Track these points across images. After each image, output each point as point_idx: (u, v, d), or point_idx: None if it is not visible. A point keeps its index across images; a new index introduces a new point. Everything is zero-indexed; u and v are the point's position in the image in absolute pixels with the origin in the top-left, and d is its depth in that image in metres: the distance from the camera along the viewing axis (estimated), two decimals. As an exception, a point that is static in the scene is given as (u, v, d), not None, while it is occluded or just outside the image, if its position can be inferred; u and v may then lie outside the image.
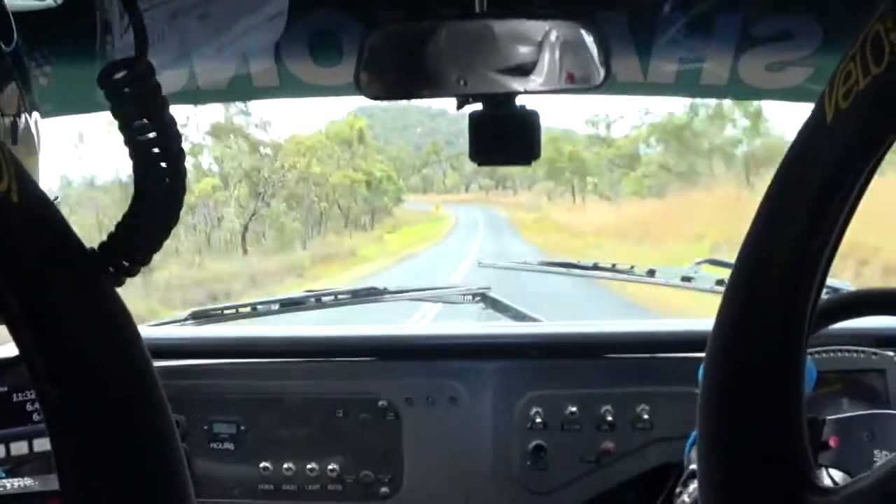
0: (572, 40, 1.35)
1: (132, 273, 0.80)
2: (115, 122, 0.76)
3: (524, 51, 1.33)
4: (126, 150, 0.78)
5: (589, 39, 1.34)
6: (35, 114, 1.05)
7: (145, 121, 0.77)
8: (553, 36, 1.35)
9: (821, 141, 0.56)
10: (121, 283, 0.80)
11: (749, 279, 0.61)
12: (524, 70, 1.33)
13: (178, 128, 0.79)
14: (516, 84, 1.33)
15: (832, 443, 1.32)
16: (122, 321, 0.58)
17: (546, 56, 1.34)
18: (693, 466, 1.42)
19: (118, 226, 0.79)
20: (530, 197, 47.87)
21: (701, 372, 0.67)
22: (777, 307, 0.59)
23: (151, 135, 0.77)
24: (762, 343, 0.60)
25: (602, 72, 1.34)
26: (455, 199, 53.49)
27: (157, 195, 0.79)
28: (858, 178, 0.55)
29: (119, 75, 0.75)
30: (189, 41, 1.32)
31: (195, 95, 1.63)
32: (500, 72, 1.32)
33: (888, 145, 0.54)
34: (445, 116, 58.81)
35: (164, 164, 0.78)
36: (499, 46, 1.32)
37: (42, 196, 0.56)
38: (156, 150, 0.77)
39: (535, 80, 1.34)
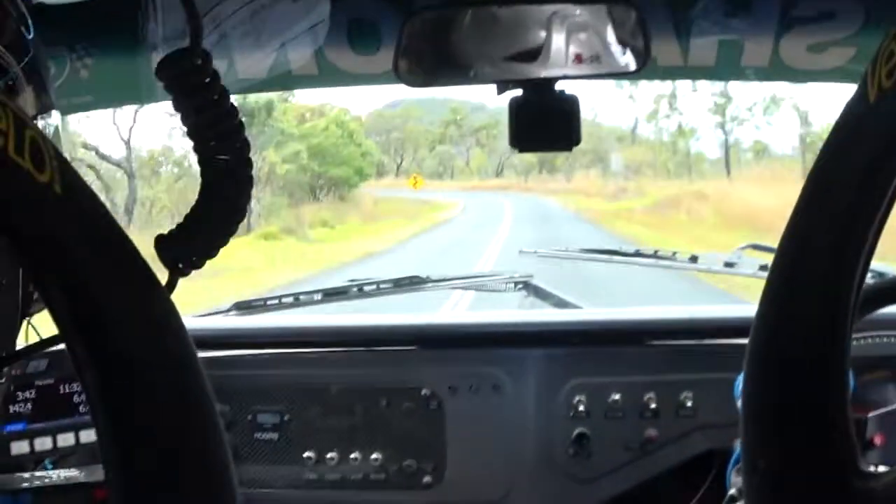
0: (612, 24, 1.34)
1: (196, 266, 0.81)
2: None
3: (563, 35, 1.32)
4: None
5: (629, 23, 1.34)
6: (54, 114, 1.05)
7: (204, 112, 0.77)
8: (593, 20, 1.34)
9: (864, 120, 0.56)
10: (185, 275, 0.81)
11: (792, 263, 0.60)
12: (563, 55, 1.33)
13: (240, 117, 0.79)
14: (556, 69, 1.33)
15: (877, 440, 1.30)
16: (166, 311, 0.58)
17: (586, 41, 1.34)
18: (733, 491, 1.41)
19: (186, 217, 0.79)
20: (595, 179, 34.39)
21: (739, 383, 0.66)
22: (821, 291, 0.58)
23: (211, 126, 0.78)
24: (807, 328, 0.59)
25: (642, 55, 1.33)
26: (481, 186, 41.58)
27: (221, 187, 0.79)
28: None
29: (176, 68, 0.75)
30: (229, 32, 1.32)
31: (235, 85, 1.64)
32: (540, 57, 1.32)
33: None
34: (484, 110, 49.97)
35: (225, 154, 0.78)
36: (538, 31, 1.32)
37: (85, 187, 0.55)
38: (217, 140, 0.78)
39: (575, 65, 1.34)
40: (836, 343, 0.58)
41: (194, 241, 0.81)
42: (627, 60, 1.35)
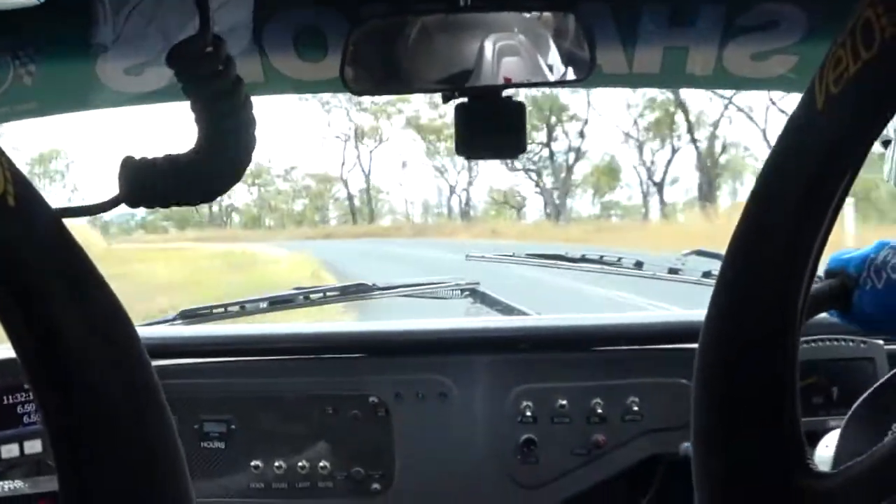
0: (557, 32, 1.35)
1: (145, 201, 0.81)
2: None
3: (509, 43, 1.33)
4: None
5: (574, 31, 1.35)
6: None
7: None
8: (538, 28, 1.35)
9: (812, 126, 0.56)
10: (132, 203, 0.81)
11: (741, 268, 0.61)
12: (509, 63, 1.33)
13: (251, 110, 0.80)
14: (502, 77, 1.34)
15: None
16: (121, 325, 0.58)
17: (531, 48, 1.35)
18: None
19: (172, 157, 0.80)
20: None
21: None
22: (770, 296, 0.59)
23: (224, 117, 0.79)
24: (755, 333, 0.60)
25: (588, 63, 1.34)
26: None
27: (213, 162, 0.80)
28: (849, 161, 0.55)
29: (188, 55, 0.76)
30: (171, 38, 1.31)
31: (178, 93, 1.61)
32: (486, 65, 1.33)
33: (878, 129, 0.54)
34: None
35: (234, 143, 0.80)
36: (484, 40, 1.32)
37: (39, 198, 0.55)
38: (228, 128, 0.79)
39: (521, 73, 1.34)
40: (785, 347, 0.59)
41: (167, 177, 0.82)
42: (574, 69, 1.36)
